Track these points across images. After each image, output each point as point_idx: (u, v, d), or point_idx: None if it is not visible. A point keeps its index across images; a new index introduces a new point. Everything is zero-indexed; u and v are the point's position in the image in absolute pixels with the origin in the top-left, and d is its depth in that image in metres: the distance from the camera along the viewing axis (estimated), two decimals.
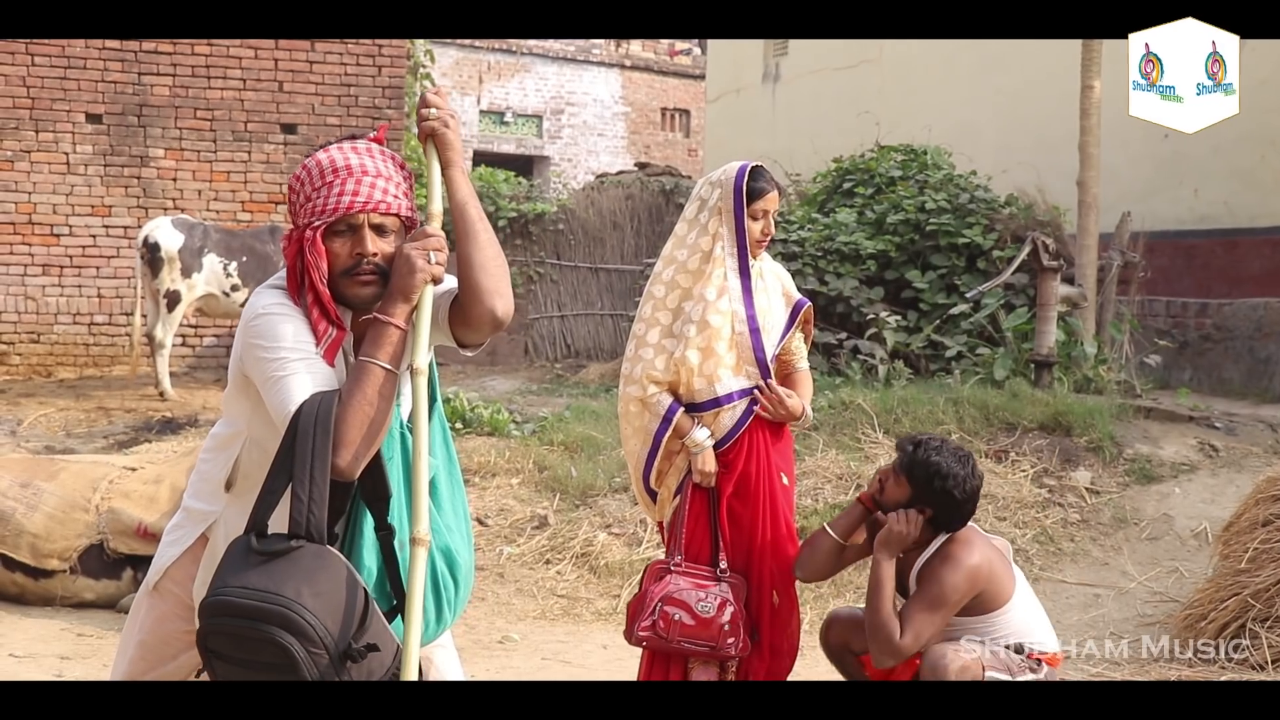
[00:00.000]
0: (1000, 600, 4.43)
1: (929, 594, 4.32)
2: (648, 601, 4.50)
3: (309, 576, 2.73)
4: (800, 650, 4.82)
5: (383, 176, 2.98)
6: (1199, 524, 7.71)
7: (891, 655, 4.28)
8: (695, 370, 4.55)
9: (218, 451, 3.17)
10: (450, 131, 3.03)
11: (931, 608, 4.30)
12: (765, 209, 4.60)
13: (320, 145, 3.08)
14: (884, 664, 4.33)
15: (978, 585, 4.35)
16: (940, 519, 4.40)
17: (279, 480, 2.83)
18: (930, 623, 4.28)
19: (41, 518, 6.80)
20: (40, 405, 11.24)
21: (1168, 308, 12.90)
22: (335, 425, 2.80)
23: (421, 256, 2.91)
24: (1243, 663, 5.51)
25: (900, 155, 13.56)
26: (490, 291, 2.96)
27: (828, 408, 9.07)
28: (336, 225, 2.95)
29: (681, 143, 29.49)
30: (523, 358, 16.56)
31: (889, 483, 4.46)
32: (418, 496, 2.85)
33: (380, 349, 2.87)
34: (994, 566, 4.41)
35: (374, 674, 2.77)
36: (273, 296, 3.00)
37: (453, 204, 3.01)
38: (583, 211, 17.25)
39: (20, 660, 6.05)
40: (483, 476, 8.45)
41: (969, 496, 4.38)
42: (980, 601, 4.38)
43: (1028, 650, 4.42)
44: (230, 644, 2.74)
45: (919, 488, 4.36)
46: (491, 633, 6.75)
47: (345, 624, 2.73)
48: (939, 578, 4.33)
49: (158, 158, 13.68)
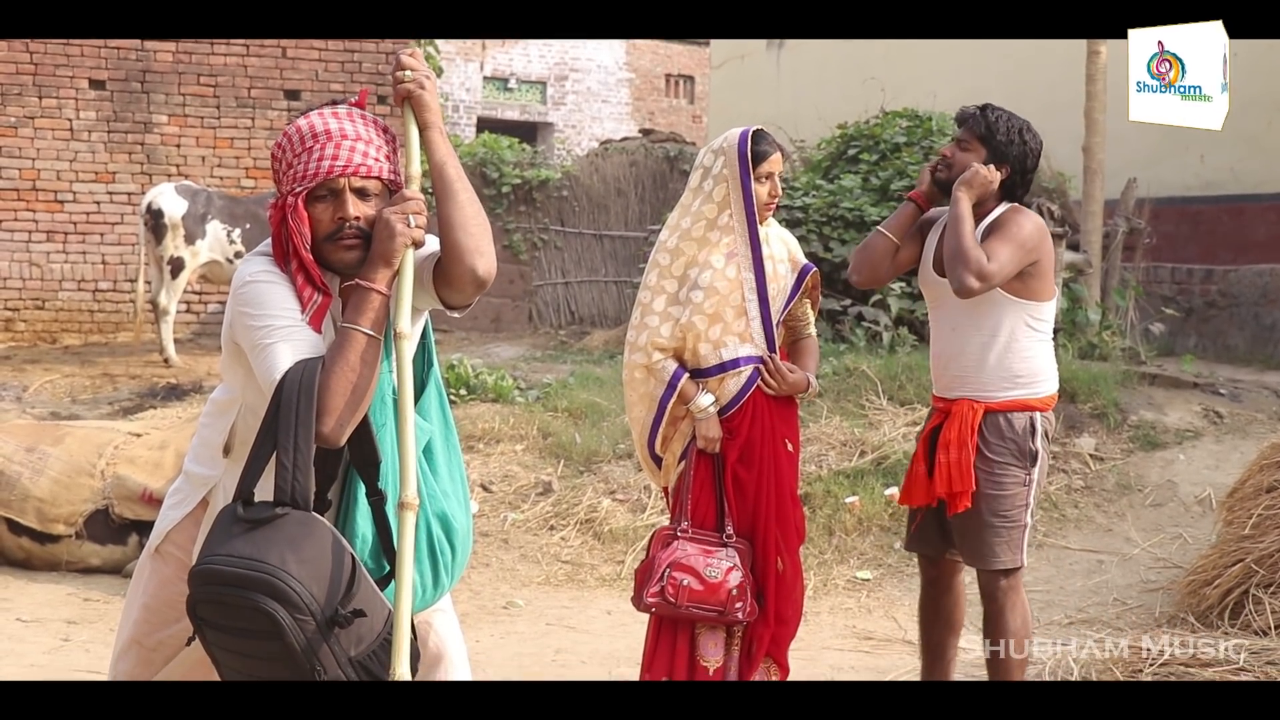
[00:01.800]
0: (1045, 292, 4.51)
1: (1005, 231, 4.40)
2: (655, 567, 4.50)
3: (294, 544, 2.74)
4: (804, 616, 4.84)
5: (362, 140, 2.97)
6: (1203, 490, 7.72)
7: (980, 276, 4.30)
8: (701, 335, 4.55)
9: (216, 416, 3.18)
10: (427, 93, 3.00)
11: (1009, 241, 4.36)
12: (770, 171, 4.59)
13: (299, 113, 3.07)
14: (970, 285, 4.31)
15: (1043, 244, 4.44)
16: (1012, 180, 4.50)
17: (264, 448, 2.84)
18: (1010, 256, 4.34)
19: (47, 482, 6.81)
20: (45, 371, 11.26)
21: (1173, 274, 12.88)
22: (319, 392, 2.80)
23: (401, 220, 2.90)
24: (1245, 628, 5.51)
25: (905, 121, 13.49)
26: (470, 250, 2.93)
27: (831, 374, 9.07)
28: (318, 190, 2.94)
29: (686, 109, 29.40)
30: (527, 324, 16.54)
31: (955, 156, 4.53)
32: (405, 461, 2.85)
33: (362, 315, 2.87)
34: (1051, 245, 4.52)
35: (363, 639, 2.77)
36: (260, 264, 3.00)
37: (431, 164, 2.99)
38: (587, 178, 17.19)
39: (27, 624, 6.08)
40: (487, 443, 8.46)
41: (1037, 155, 4.53)
42: (1032, 276, 4.45)
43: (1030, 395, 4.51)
44: (218, 611, 2.75)
45: (996, 147, 4.46)
46: (496, 598, 6.77)
47: (332, 590, 2.74)
48: (1014, 221, 4.43)
49: (161, 124, 13.67)
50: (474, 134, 24.23)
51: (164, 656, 3.23)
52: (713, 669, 4.56)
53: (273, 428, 2.81)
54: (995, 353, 4.48)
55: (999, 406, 4.49)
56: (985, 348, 4.49)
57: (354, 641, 2.76)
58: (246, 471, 2.85)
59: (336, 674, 2.73)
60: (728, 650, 4.58)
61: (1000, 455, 4.48)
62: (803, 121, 15.38)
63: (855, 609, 6.70)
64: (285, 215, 2.96)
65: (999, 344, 4.48)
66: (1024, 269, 4.41)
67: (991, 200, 4.51)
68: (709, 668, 4.56)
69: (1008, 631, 4.48)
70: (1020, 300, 4.46)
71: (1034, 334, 4.52)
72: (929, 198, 4.64)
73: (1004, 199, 4.54)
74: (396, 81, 3.01)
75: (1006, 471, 4.48)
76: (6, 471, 6.84)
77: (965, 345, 4.52)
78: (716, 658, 4.57)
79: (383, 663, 2.78)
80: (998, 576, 4.50)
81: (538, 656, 5.87)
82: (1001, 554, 4.48)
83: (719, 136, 4.73)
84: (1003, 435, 4.48)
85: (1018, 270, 4.39)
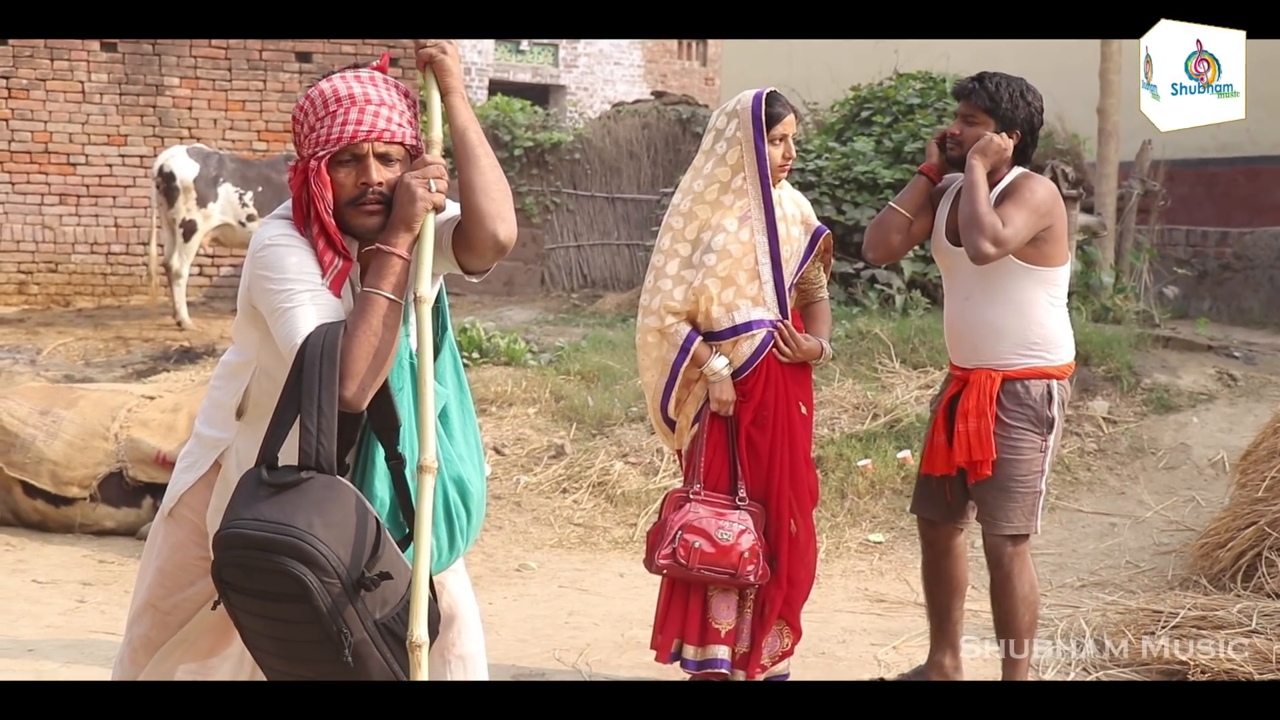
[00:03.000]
0: (1058, 258, 4.50)
1: (1018, 196, 4.39)
2: (667, 530, 4.52)
3: (319, 507, 2.76)
4: (816, 579, 4.85)
5: (385, 105, 2.96)
6: (1216, 453, 7.71)
7: (995, 241, 4.28)
8: (714, 299, 4.55)
9: (229, 379, 3.19)
10: (449, 58, 3.01)
11: (1023, 206, 4.35)
12: (784, 133, 4.59)
13: (324, 75, 3.06)
14: (985, 252, 4.30)
15: (1056, 209, 4.43)
16: (1024, 143, 4.49)
17: (287, 413, 2.85)
18: (1025, 221, 4.33)
19: (61, 445, 6.84)
20: (59, 335, 11.29)
21: (1188, 237, 12.83)
22: (341, 357, 2.82)
23: (422, 185, 2.91)
24: (1258, 591, 5.52)
25: (919, 83, 13.42)
26: (492, 215, 2.94)
27: (844, 337, 9.06)
28: (341, 155, 2.94)
29: (698, 71, 29.25)
30: (539, 288, 16.53)
31: (965, 133, 4.51)
32: (424, 424, 2.86)
33: (383, 279, 2.88)
34: (1063, 209, 4.51)
35: (388, 602, 2.79)
36: (279, 227, 3.00)
37: (453, 129, 2.99)
38: (599, 141, 17.13)
39: (43, 586, 6.11)
40: (500, 406, 8.47)
41: (1042, 111, 4.55)
42: (1045, 240, 4.43)
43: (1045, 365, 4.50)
44: (244, 575, 2.77)
45: (1003, 115, 4.45)
46: (509, 561, 6.79)
47: (357, 553, 2.75)
48: (1027, 185, 4.42)
49: (173, 86, 13.63)
50: (486, 96, 24.13)
51: (179, 619, 3.25)
52: (724, 631, 4.58)
53: (295, 392, 2.82)
54: (1010, 321, 4.46)
55: (1016, 374, 4.48)
56: (1001, 316, 4.47)
57: (379, 604, 2.78)
58: (270, 436, 2.86)
59: (362, 636, 2.75)
60: (739, 613, 4.60)
61: (1018, 421, 4.47)
62: (816, 83, 15.29)
63: (868, 571, 6.71)
64: (307, 178, 2.95)
65: (1014, 312, 4.46)
66: (1037, 235, 4.39)
67: (1005, 166, 4.49)
68: (720, 630, 4.58)
69: (1015, 598, 4.49)
70: (1034, 267, 4.44)
71: (1049, 300, 4.51)
72: (939, 170, 4.63)
73: (1016, 163, 4.53)
74: (419, 47, 3.01)
75: (1023, 438, 4.47)
76: (21, 435, 6.86)
77: (980, 314, 4.51)
78: (728, 620, 4.58)
79: (407, 625, 2.80)
80: (1005, 542, 4.50)
81: (551, 619, 5.90)
82: (1015, 519, 4.48)
83: (732, 99, 4.71)
84: (1020, 402, 4.47)
85: (1032, 235, 4.37)
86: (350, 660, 2.73)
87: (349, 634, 2.72)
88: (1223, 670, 4.75)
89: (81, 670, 4.95)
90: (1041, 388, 4.49)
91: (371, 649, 2.77)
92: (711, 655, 4.58)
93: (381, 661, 2.78)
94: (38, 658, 5.10)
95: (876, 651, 5.43)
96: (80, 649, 5.23)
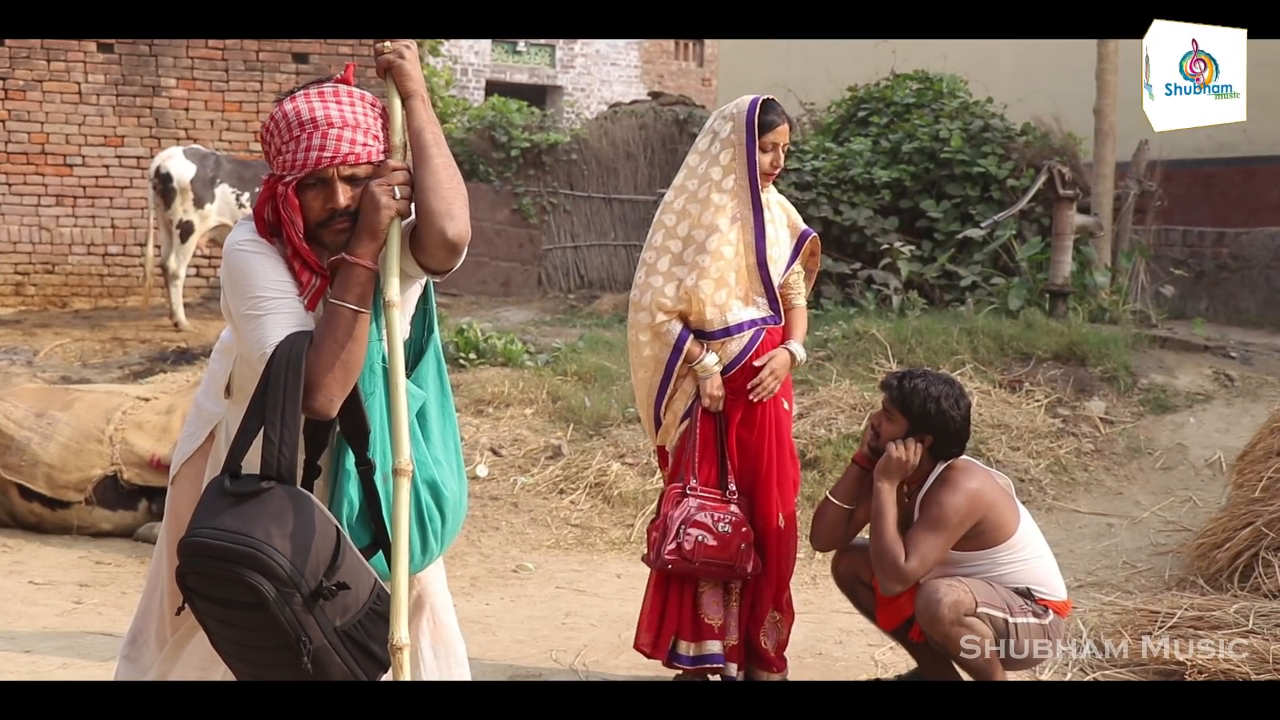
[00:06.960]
0: (1003, 533, 4.39)
1: (929, 516, 4.31)
2: (670, 525, 4.57)
3: (279, 518, 2.80)
4: (814, 580, 4.86)
5: (349, 126, 2.95)
6: (1213, 454, 7.71)
7: (898, 579, 4.26)
8: (708, 300, 4.63)
9: (223, 355, 3.23)
10: (408, 63, 3.00)
11: (933, 529, 4.28)
12: (775, 142, 4.68)
13: (287, 92, 3.06)
14: (891, 590, 4.31)
15: (978, 510, 4.32)
16: (939, 446, 4.39)
17: (252, 422, 2.90)
18: (934, 546, 4.26)
19: (56, 448, 6.83)
20: (56, 335, 11.29)
21: (1184, 237, 12.82)
22: (307, 369, 2.85)
23: (386, 193, 2.92)
24: (1255, 591, 5.52)
25: (916, 84, 13.44)
26: (440, 214, 2.92)
27: (841, 338, 9.06)
28: (307, 179, 2.95)
29: (695, 72, 29.27)
30: (536, 288, 16.52)
31: (882, 425, 4.44)
32: (398, 427, 2.89)
33: (349, 290, 2.90)
34: (995, 495, 4.39)
35: (349, 610, 2.83)
36: (245, 232, 3.03)
37: (410, 131, 3.00)
38: (596, 141, 17.12)
39: (40, 587, 6.11)
40: (497, 407, 8.47)
41: (963, 416, 4.39)
42: (982, 532, 4.35)
43: (1036, 596, 4.42)
44: (206, 583, 2.82)
45: (914, 417, 4.35)
46: (506, 561, 6.79)
47: (315, 563, 2.79)
48: (939, 500, 4.31)
49: (170, 87, 13.63)
50: (483, 97, 24.15)
51: None
52: (716, 626, 4.65)
53: (261, 403, 2.87)
54: (984, 592, 4.33)
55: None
56: (974, 589, 4.33)
57: (339, 612, 2.82)
58: (234, 445, 2.91)
59: (322, 644, 2.79)
60: (726, 607, 4.68)
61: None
62: (812, 84, 15.29)
63: None
64: (274, 196, 2.98)
65: (982, 585, 4.35)
66: (971, 529, 4.32)
67: (926, 463, 4.40)
68: (714, 625, 4.65)
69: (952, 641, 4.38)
70: (981, 551, 4.38)
71: (1011, 567, 4.41)
72: (870, 459, 4.51)
73: (938, 459, 4.42)
74: (377, 53, 3.01)
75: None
76: (17, 438, 6.86)
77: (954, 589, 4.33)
78: (718, 616, 4.68)
79: (369, 632, 2.85)
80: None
81: (548, 620, 5.89)
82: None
83: (731, 102, 4.79)
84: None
85: (946, 550, 4.30)
86: (309, 666, 2.77)
87: (308, 641, 2.77)
88: (1220, 670, 4.75)
89: (78, 671, 4.94)
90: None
91: (332, 656, 2.81)
92: (707, 651, 4.65)
93: (343, 667, 2.83)
94: (35, 658, 5.09)
95: (874, 652, 5.43)
96: (77, 650, 5.22)
